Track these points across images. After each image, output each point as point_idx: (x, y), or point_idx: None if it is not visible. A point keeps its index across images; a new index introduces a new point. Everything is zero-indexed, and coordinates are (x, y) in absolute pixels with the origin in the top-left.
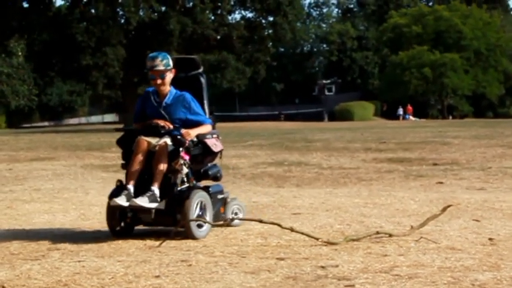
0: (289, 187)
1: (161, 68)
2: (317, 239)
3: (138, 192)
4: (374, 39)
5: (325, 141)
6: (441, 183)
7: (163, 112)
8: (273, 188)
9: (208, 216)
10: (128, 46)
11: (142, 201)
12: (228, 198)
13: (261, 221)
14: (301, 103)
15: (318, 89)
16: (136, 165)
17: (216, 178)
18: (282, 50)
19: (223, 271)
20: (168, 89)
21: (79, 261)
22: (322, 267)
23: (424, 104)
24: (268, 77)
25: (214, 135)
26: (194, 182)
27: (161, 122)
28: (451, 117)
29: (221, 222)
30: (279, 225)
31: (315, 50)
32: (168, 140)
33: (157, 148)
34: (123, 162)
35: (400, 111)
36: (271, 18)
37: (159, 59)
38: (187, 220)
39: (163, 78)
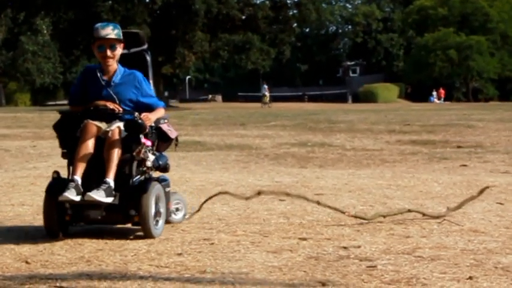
0: (312, 168)
1: (113, 36)
2: (343, 212)
3: (85, 185)
4: (399, 21)
5: (348, 122)
6: (465, 166)
7: (111, 92)
8: (295, 169)
9: (163, 211)
10: (152, 25)
11: (99, 195)
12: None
13: (287, 194)
14: (325, 84)
15: (342, 70)
16: (84, 154)
17: (165, 169)
18: (307, 30)
19: (246, 250)
20: (116, 65)
21: (102, 238)
22: (345, 247)
23: (449, 86)
24: (292, 58)
25: (166, 120)
26: (150, 173)
27: (110, 104)
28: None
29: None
30: (305, 198)
31: (340, 31)
32: (121, 125)
33: (109, 134)
34: (64, 151)
35: (434, 94)
36: None
37: (111, 27)
38: None
39: (113, 49)
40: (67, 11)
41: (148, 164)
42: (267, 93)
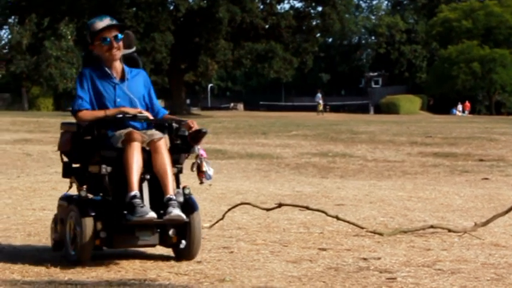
0: (333, 178)
1: (115, 23)
2: (362, 228)
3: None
4: (423, 33)
5: (370, 133)
6: (487, 179)
7: (126, 92)
8: (316, 179)
9: None
10: (176, 33)
11: (181, 213)
12: None
13: (307, 208)
14: (347, 95)
15: (365, 81)
16: (137, 166)
17: None
18: (330, 40)
19: (265, 259)
20: (122, 63)
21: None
22: (364, 259)
23: (472, 99)
24: (315, 68)
25: None
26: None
27: (144, 112)
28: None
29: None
30: (324, 212)
31: (363, 42)
32: (162, 134)
33: (157, 145)
34: (106, 166)
35: (460, 107)
36: (320, 9)
37: (108, 18)
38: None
39: (118, 40)
40: (91, 17)
41: (209, 176)
42: (321, 102)
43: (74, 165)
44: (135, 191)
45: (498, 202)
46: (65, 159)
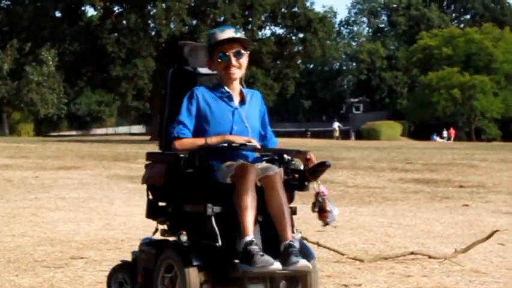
0: None
1: (236, 36)
2: (343, 254)
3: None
4: (404, 59)
5: (351, 159)
6: (467, 205)
7: (243, 119)
8: (297, 204)
9: None
10: (157, 58)
11: (308, 263)
12: None
13: None
14: (329, 121)
15: (346, 107)
16: (253, 206)
17: None
18: (311, 67)
19: None
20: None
21: (102, 271)
22: (345, 285)
23: (452, 126)
24: (296, 94)
25: None
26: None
27: (253, 140)
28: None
29: None
30: (305, 238)
31: (344, 68)
32: (277, 168)
33: (272, 179)
34: (212, 206)
35: (445, 134)
36: (301, 35)
37: (232, 29)
38: None
39: (239, 56)
40: (72, 43)
41: (333, 217)
42: (338, 128)
43: (161, 204)
44: (251, 236)
45: (478, 229)
46: (151, 196)
